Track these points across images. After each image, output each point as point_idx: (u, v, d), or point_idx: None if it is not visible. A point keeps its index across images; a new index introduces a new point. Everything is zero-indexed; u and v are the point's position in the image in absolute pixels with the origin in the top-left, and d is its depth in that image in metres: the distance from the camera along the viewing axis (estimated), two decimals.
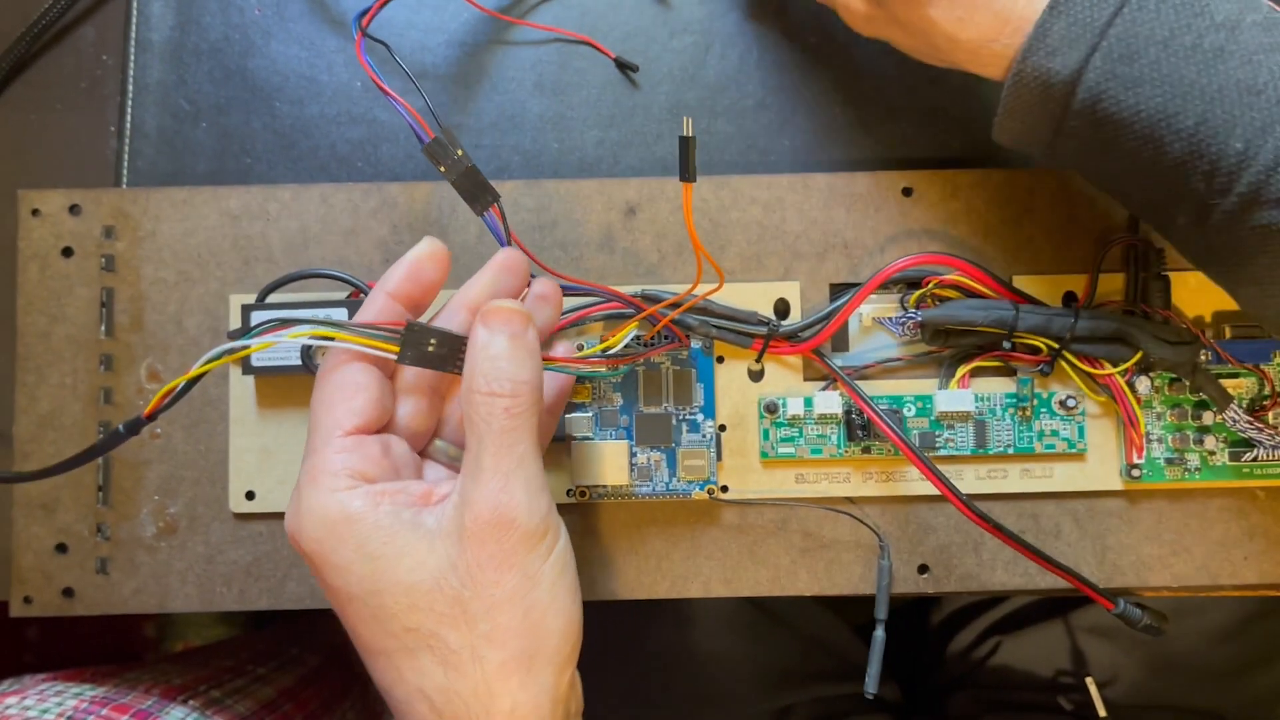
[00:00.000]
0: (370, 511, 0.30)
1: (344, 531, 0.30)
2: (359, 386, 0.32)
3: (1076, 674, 0.55)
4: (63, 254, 0.42)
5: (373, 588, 0.30)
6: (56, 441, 0.41)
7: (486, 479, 0.30)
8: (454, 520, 0.30)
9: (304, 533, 0.31)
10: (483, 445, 0.30)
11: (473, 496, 0.30)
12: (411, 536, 0.30)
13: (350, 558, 0.30)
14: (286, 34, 0.45)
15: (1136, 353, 0.38)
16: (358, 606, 0.31)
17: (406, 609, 0.30)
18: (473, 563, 0.29)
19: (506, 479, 0.30)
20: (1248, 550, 0.41)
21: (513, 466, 0.30)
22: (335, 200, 0.42)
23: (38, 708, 0.41)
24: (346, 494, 0.30)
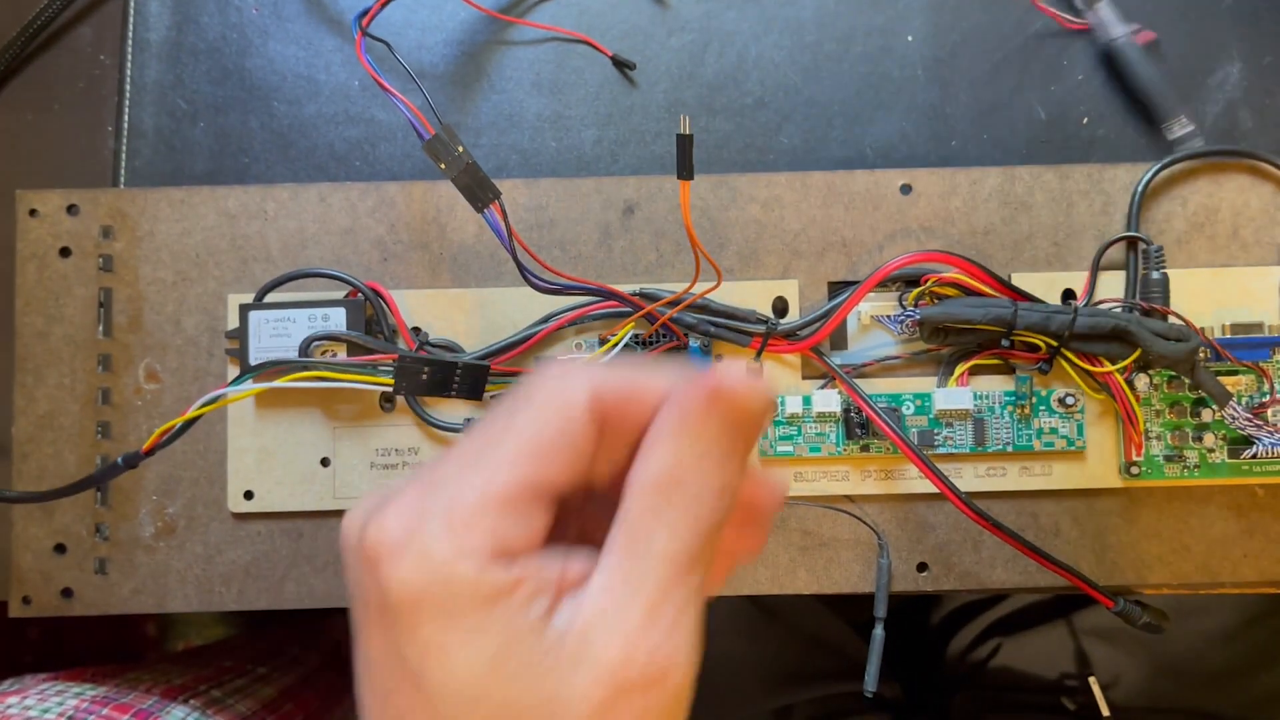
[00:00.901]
0: (501, 600, 0.22)
1: (460, 611, 0.22)
2: (579, 454, 0.23)
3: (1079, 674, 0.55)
4: (60, 254, 0.42)
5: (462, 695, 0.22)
6: (55, 442, 0.41)
7: (652, 612, 0.22)
8: (588, 639, 0.22)
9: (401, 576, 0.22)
10: (651, 559, 0.22)
11: (628, 628, 0.22)
12: (539, 645, 0.22)
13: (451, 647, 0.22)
14: (284, 33, 0.45)
15: (1135, 350, 0.38)
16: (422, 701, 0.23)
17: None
18: (602, 708, 0.22)
19: (677, 619, 0.22)
20: (1247, 548, 0.41)
21: (684, 602, 0.22)
22: (333, 200, 0.42)
23: (38, 707, 0.41)
24: (482, 567, 0.22)
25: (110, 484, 0.41)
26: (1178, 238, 0.41)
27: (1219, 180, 0.41)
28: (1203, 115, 0.44)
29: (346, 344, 0.39)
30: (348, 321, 0.40)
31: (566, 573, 0.23)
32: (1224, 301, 0.40)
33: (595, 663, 0.22)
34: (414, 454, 0.41)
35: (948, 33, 0.45)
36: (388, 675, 0.23)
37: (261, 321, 0.40)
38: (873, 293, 0.40)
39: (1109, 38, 0.43)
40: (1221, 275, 0.41)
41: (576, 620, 0.22)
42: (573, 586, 0.23)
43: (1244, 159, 0.41)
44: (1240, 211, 0.41)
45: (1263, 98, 0.43)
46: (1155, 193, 0.41)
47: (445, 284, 0.41)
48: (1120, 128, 0.44)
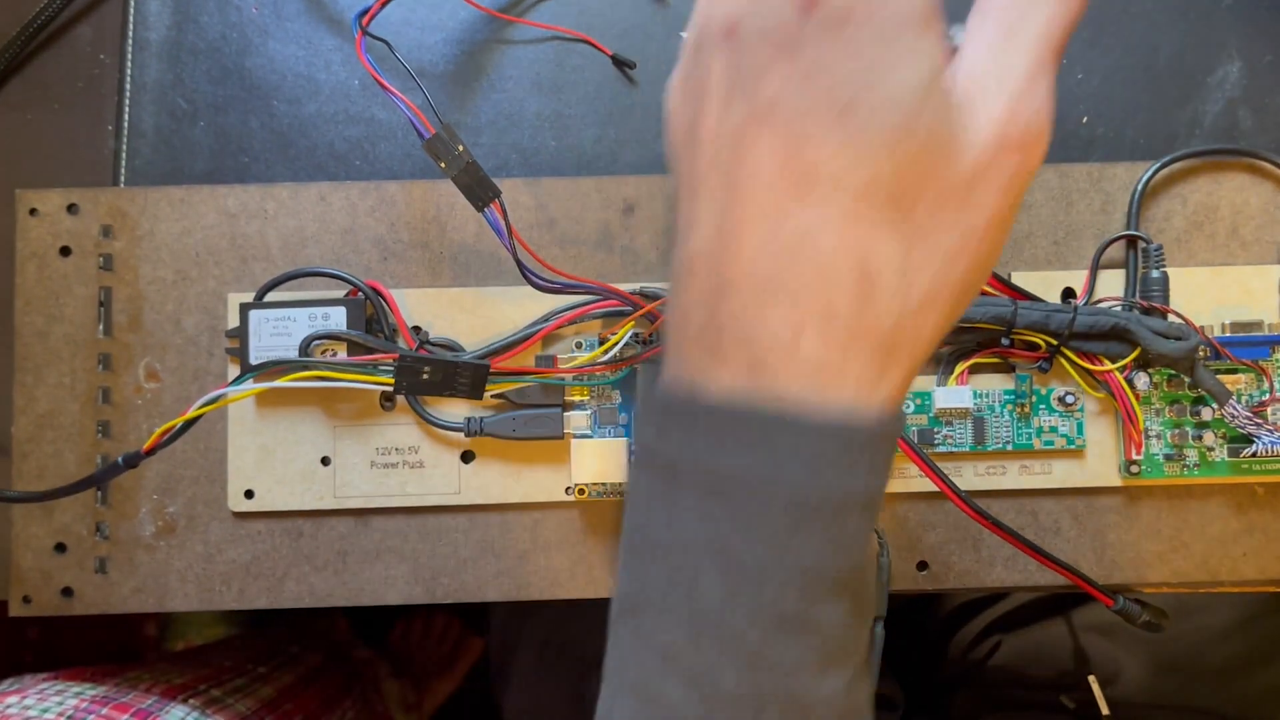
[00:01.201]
0: (933, 24, 0.22)
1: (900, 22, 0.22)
2: None
3: (1078, 672, 0.55)
4: (60, 253, 0.42)
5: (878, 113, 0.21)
6: (55, 441, 0.41)
7: (1030, 80, 0.23)
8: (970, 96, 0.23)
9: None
10: (1028, 39, 0.23)
11: (1009, 88, 0.23)
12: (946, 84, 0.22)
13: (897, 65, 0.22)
14: (284, 33, 0.45)
15: (1135, 349, 0.38)
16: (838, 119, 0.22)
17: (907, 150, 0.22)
18: (989, 162, 0.23)
19: (1048, 94, 0.23)
20: (1246, 546, 0.41)
21: (1051, 83, 0.23)
22: (333, 199, 0.42)
23: (38, 707, 0.41)
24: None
25: (110, 483, 0.41)
26: (1177, 236, 0.41)
27: (1218, 179, 0.41)
28: (1202, 114, 0.44)
29: (347, 343, 0.39)
30: (348, 320, 0.40)
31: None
32: (1223, 300, 0.40)
33: (985, 114, 0.23)
34: (414, 453, 0.41)
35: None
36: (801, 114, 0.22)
37: (262, 320, 0.40)
38: None
39: None
40: (1221, 274, 0.41)
41: (959, 77, 0.23)
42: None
43: (1243, 158, 0.41)
44: (1240, 210, 0.41)
45: (1262, 96, 0.43)
46: (1155, 191, 0.41)
47: (445, 283, 0.41)
48: (1120, 126, 0.44)
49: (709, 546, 0.23)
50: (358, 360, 0.37)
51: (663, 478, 0.24)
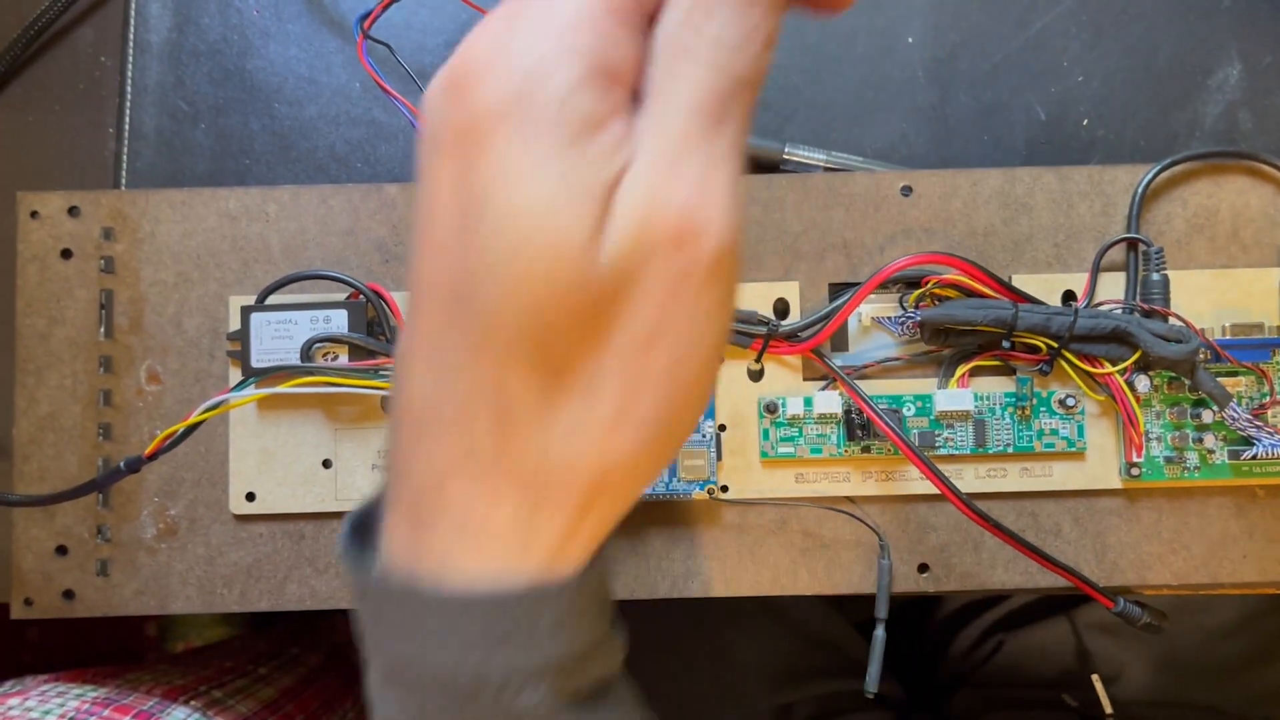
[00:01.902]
0: (586, 135, 0.19)
1: (544, 128, 0.19)
2: None
3: (1081, 671, 0.55)
4: (62, 256, 0.42)
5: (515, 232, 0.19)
6: (56, 444, 0.41)
7: (684, 157, 0.19)
8: (629, 203, 0.19)
9: (488, 89, 0.19)
10: (681, 107, 0.20)
11: (662, 174, 0.19)
12: (593, 203, 0.19)
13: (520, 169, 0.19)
14: (285, 35, 0.45)
15: (1136, 351, 0.38)
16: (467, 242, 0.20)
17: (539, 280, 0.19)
18: (639, 265, 0.19)
19: (710, 167, 0.19)
20: (1247, 548, 0.41)
21: (719, 152, 0.20)
22: (334, 201, 0.42)
23: (39, 709, 0.41)
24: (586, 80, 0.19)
25: (112, 486, 0.41)
26: (1178, 239, 0.41)
27: (1219, 181, 0.41)
28: (1202, 116, 0.44)
29: (348, 346, 0.39)
30: (349, 323, 0.40)
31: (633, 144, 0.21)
32: (1224, 303, 0.41)
33: (625, 218, 0.19)
34: None
35: (948, 34, 0.45)
36: (448, 213, 0.20)
37: (263, 323, 0.40)
38: (873, 294, 0.40)
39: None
40: (1221, 276, 0.41)
41: (626, 186, 0.20)
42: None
43: (1244, 160, 0.41)
44: (1240, 213, 0.41)
45: (1262, 99, 0.43)
46: (1155, 194, 0.41)
47: None
48: (1120, 129, 0.44)
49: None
50: (359, 365, 0.37)
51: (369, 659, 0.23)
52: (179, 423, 0.41)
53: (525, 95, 0.19)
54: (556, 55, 0.19)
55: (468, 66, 0.19)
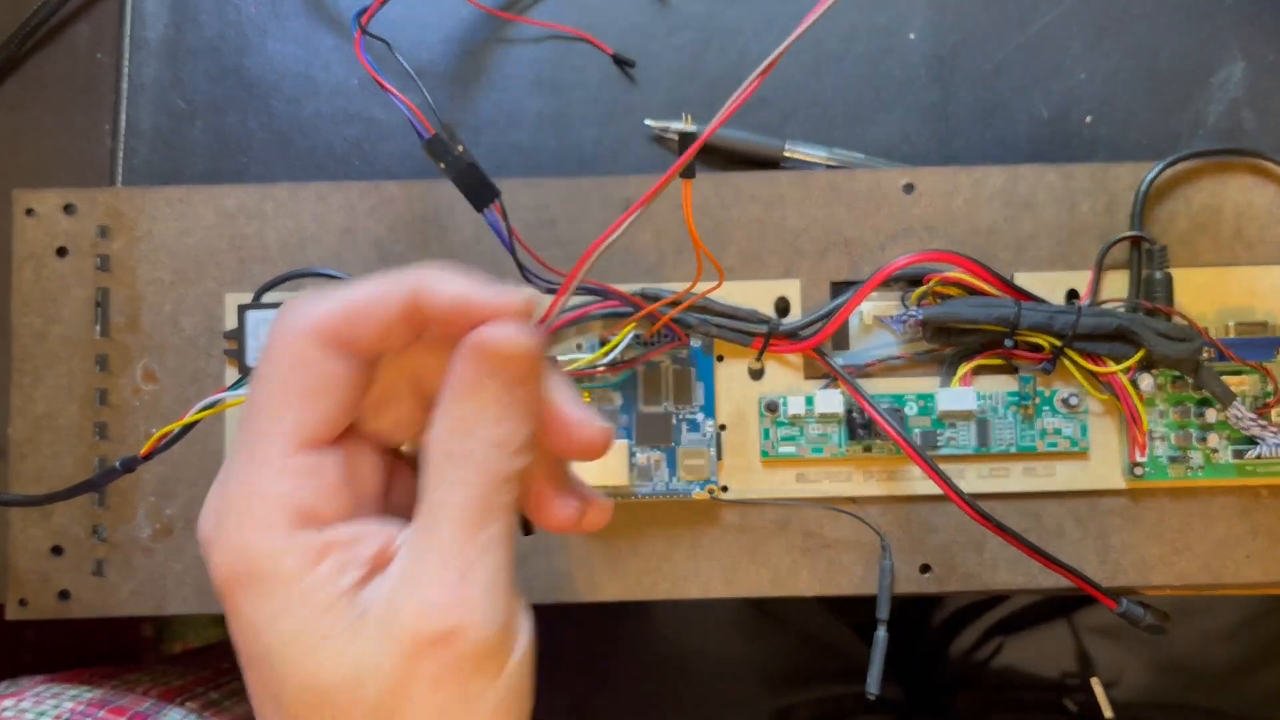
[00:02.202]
0: (304, 574, 0.22)
1: (265, 589, 0.23)
2: (323, 386, 0.23)
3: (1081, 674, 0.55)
4: (57, 254, 0.41)
5: (278, 671, 0.23)
6: (52, 443, 0.41)
7: (438, 568, 0.22)
8: (390, 606, 0.22)
9: (216, 561, 0.23)
10: (441, 517, 0.23)
11: (418, 585, 0.22)
12: (343, 617, 0.22)
13: (263, 623, 0.23)
14: (283, 32, 0.45)
15: (1139, 350, 0.38)
16: (255, 677, 0.24)
17: (312, 707, 0.23)
18: (405, 671, 0.22)
19: (465, 571, 0.22)
20: (1251, 549, 0.40)
21: (475, 556, 0.23)
22: (332, 199, 0.41)
23: (34, 710, 0.41)
24: (282, 540, 0.23)
25: (108, 486, 0.41)
26: (1181, 237, 0.41)
27: (1223, 180, 0.41)
28: (1205, 115, 0.43)
29: None
30: None
31: (388, 549, 0.24)
32: (1228, 301, 0.40)
33: (393, 626, 0.22)
34: None
35: (950, 31, 0.44)
36: (240, 660, 0.24)
37: (260, 322, 0.40)
38: (875, 293, 0.40)
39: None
40: (1225, 275, 0.40)
41: (383, 588, 0.23)
42: (392, 556, 0.24)
43: (1247, 158, 0.41)
44: (1244, 211, 0.41)
45: (1266, 97, 0.43)
46: (1159, 192, 0.41)
47: None
48: (1123, 127, 0.44)
49: None
50: None
51: None
52: (175, 422, 0.41)
53: (241, 565, 0.23)
54: (260, 529, 0.22)
55: (202, 542, 0.23)
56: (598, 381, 0.40)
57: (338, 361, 0.23)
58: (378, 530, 0.24)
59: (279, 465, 0.23)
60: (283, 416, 0.23)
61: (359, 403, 0.25)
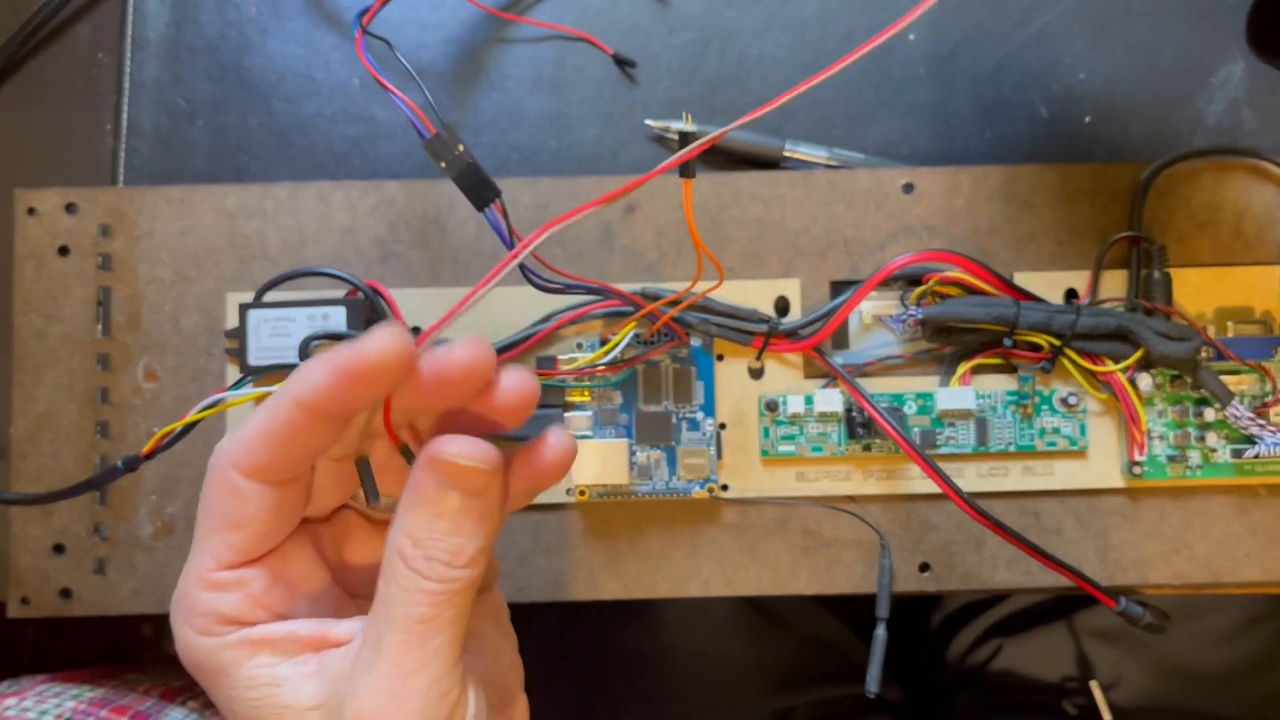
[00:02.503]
0: (239, 666, 0.25)
1: (212, 680, 0.26)
2: (242, 518, 0.25)
3: (1080, 677, 0.55)
4: (59, 253, 0.42)
5: None
6: (53, 442, 0.41)
7: (379, 673, 0.24)
8: (336, 697, 0.24)
9: (181, 657, 0.26)
10: (388, 626, 0.24)
11: (357, 691, 0.24)
12: (289, 698, 0.25)
13: (221, 701, 0.26)
14: (283, 31, 0.45)
15: (1138, 350, 0.38)
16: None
17: None
18: None
19: (404, 681, 0.24)
20: (1249, 547, 0.40)
21: (416, 667, 0.24)
22: (333, 198, 0.41)
23: (36, 709, 0.41)
24: (212, 642, 0.25)
25: (109, 484, 0.41)
26: (1180, 237, 0.41)
27: (1222, 179, 0.41)
28: (1205, 114, 0.44)
29: None
30: (348, 321, 0.39)
31: (328, 635, 0.26)
32: (1227, 300, 0.40)
33: (334, 710, 0.24)
34: None
35: (950, 31, 0.45)
36: None
37: (261, 321, 0.40)
38: (875, 292, 0.40)
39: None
40: (1224, 274, 0.40)
41: (334, 680, 0.25)
42: (334, 645, 0.26)
43: (1246, 158, 0.41)
44: (1243, 211, 0.41)
45: (1265, 96, 0.43)
46: (1158, 192, 0.41)
47: (446, 283, 0.41)
48: (1122, 126, 0.44)
49: None
50: None
51: None
52: (176, 421, 0.41)
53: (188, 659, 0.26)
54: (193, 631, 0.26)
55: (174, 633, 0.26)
56: (598, 381, 0.40)
57: (256, 493, 0.25)
58: (311, 625, 0.26)
59: (207, 579, 0.25)
60: (210, 538, 0.26)
61: (288, 522, 0.27)
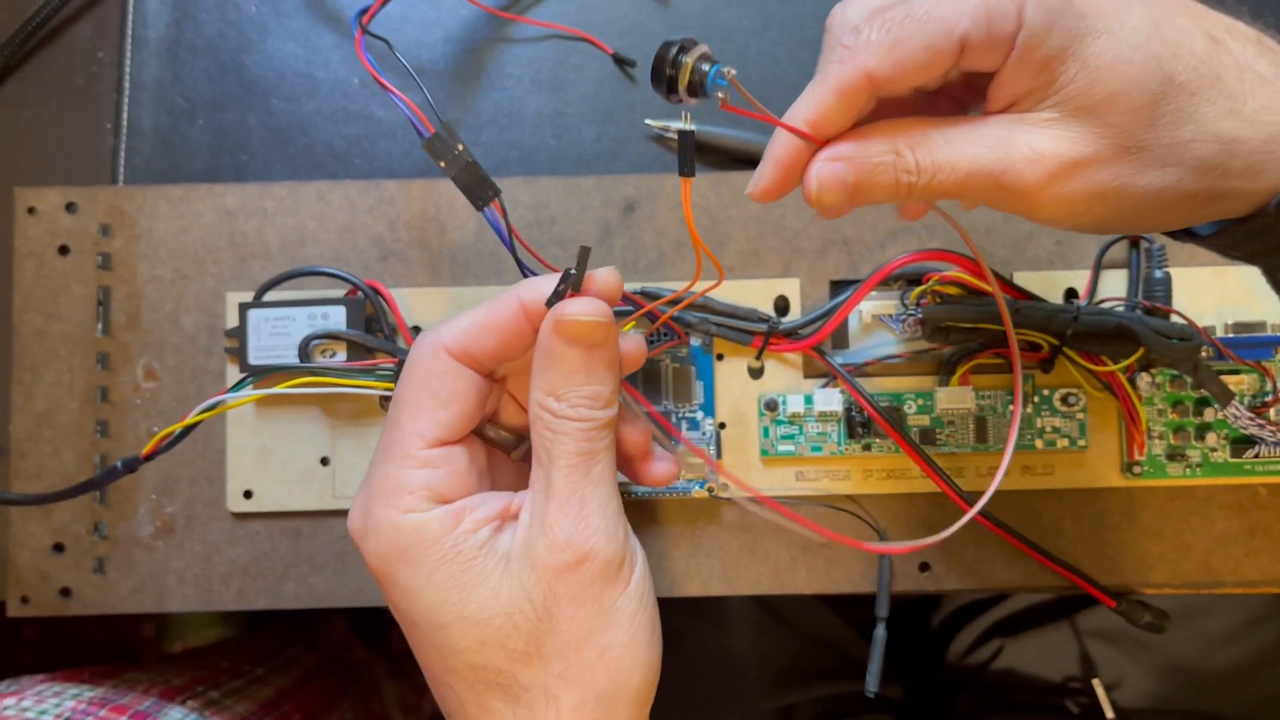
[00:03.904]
0: (447, 535, 0.28)
1: (416, 555, 0.28)
2: (453, 395, 0.29)
3: (1082, 676, 0.55)
4: (59, 252, 0.42)
5: (440, 620, 0.28)
6: (53, 441, 0.41)
7: (560, 505, 0.27)
8: (525, 546, 0.28)
9: (370, 548, 0.28)
10: (554, 465, 0.28)
11: (546, 523, 0.27)
12: (487, 563, 0.28)
13: (420, 584, 0.28)
14: (283, 30, 0.45)
15: (1138, 349, 0.38)
16: (421, 635, 0.29)
17: (475, 645, 0.27)
18: (548, 596, 0.27)
19: (582, 505, 0.27)
20: (1249, 547, 0.40)
21: (589, 490, 0.28)
22: (332, 197, 0.41)
23: (36, 709, 0.41)
24: (423, 516, 0.28)
25: (108, 484, 0.41)
26: None
27: None
28: None
29: (346, 343, 0.39)
30: (348, 320, 0.39)
31: (510, 506, 0.29)
32: (1226, 300, 0.40)
33: (532, 562, 0.27)
34: None
35: None
36: (404, 629, 0.29)
37: (261, 320, 0.40)
38: (874, 291, 0.40)
39: None
40: (1224, 274, 0.40)
41: (517, 535, 0.28)
42: (515, 516, 0.29)
43: None
44: None
45: None
46: None
47: (445, 282, 0.41)
48: None
49: None
50: (355, 365, 0.37)
51: None
52: (176, 420, 0.41)
53: (394, 544, 0.28)
54: (401, 511, 0.28)
55: (355, 535, 0.29)
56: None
57: (465, 375, 0.29)
58: (498, 496, 0.29)
59: (417, 458, 0.28)
60: (418, 418, 0.29)
61: (481, 410, 0.30)
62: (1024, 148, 0.25)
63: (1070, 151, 0.25)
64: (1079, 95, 0.24)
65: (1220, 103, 0.25)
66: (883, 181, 0.26)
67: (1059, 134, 0.25)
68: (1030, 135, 0.25)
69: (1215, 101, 0.25)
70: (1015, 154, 0.25)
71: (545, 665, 0.27)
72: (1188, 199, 0.25)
